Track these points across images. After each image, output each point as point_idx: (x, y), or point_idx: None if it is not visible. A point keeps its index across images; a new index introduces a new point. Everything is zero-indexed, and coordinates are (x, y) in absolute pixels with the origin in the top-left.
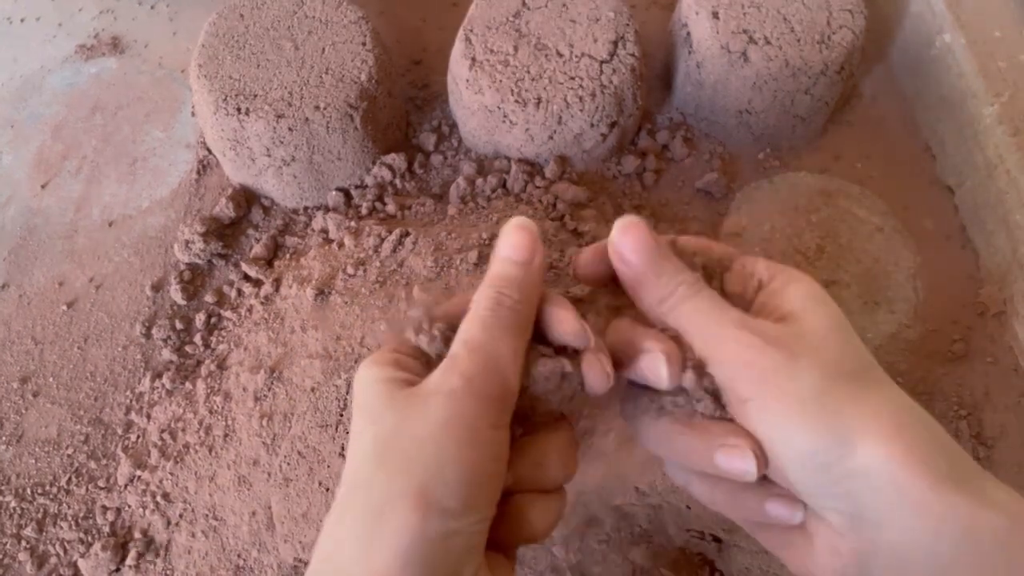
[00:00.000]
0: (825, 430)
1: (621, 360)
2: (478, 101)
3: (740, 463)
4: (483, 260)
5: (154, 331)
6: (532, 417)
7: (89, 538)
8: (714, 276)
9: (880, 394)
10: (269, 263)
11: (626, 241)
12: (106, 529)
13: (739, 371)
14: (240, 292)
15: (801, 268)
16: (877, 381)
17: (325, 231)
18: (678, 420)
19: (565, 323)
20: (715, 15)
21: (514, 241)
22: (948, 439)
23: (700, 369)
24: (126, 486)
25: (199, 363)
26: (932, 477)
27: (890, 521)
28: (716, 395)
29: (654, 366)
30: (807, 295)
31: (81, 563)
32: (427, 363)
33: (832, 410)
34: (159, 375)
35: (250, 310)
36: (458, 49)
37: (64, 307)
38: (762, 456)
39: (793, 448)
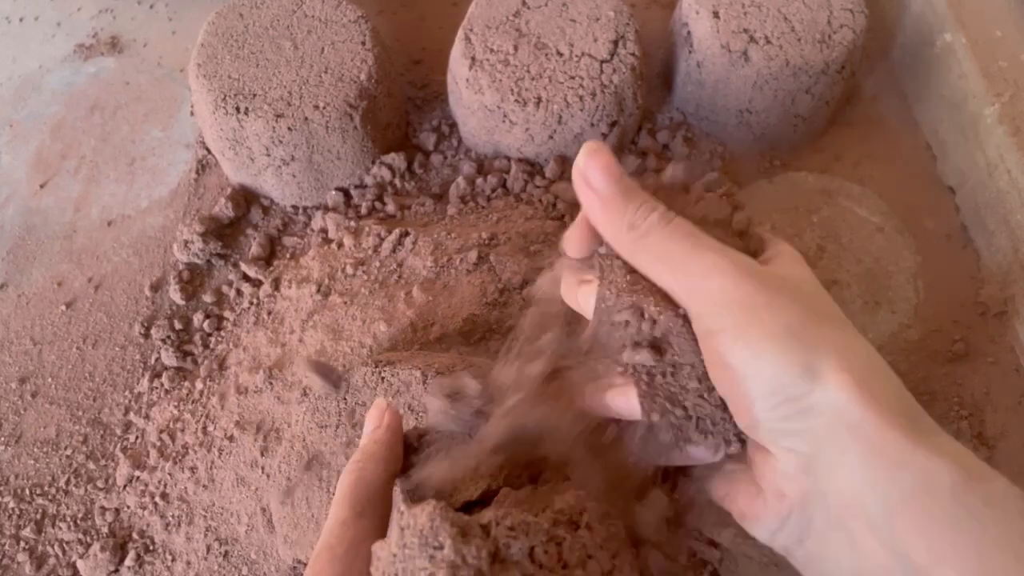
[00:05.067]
0: (797, 362)
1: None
2: (478, 100)
3: (624, 401)
4: (483, 260)
5: (153, 331)
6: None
7: (88, 539)
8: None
9: (852, 340)
10: (268, 263)
11: (593, 164)
12: (105, 530)
13: (716, 299)
14: (239, 292)
15: None
16: (850, 329)
17: (324, 231)
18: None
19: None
20: (715, 14)
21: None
22: (908, 395)
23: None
24: (125, 487)
25: (198, 363)
26: (890, 422)
27: (844, 462)
28: (656, 347)
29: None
30: (789, 256)
31: (80, 564)
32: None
33: (807, 344)
34: (158, 375)
35: (249, 310)
36: (458, 48)
37: (63, 307)
38: (647, 396)
39: (763, 379)
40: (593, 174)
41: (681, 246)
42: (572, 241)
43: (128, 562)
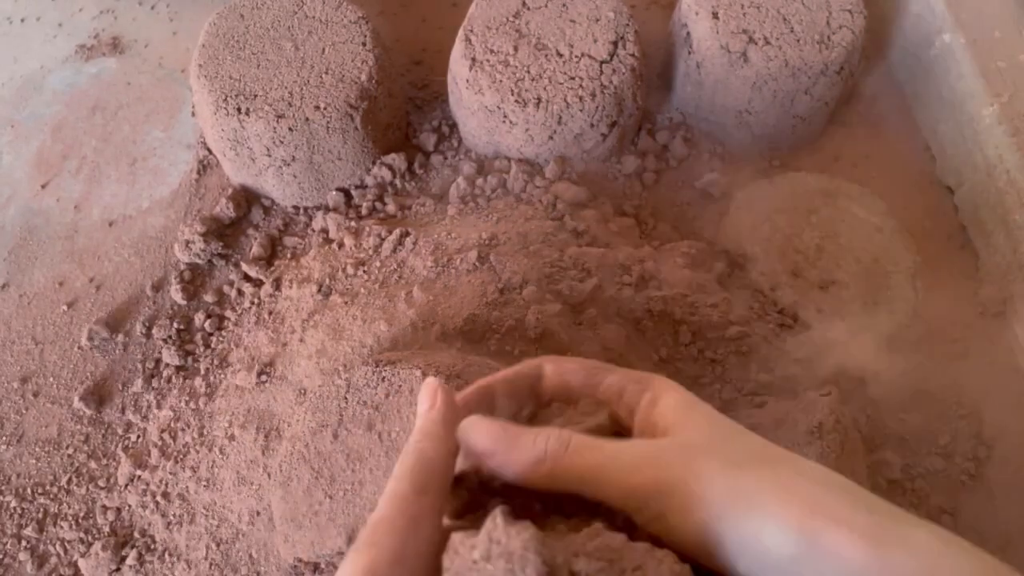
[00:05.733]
0: (742, 526)
1: None
2: (478, 101)
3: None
4: (483, 260)
5: (154, 331)
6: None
7: (89, 538)
8: (576, 402)
9: (783, 471)
10: (269, 263)
11: (473, 436)
12: (106, 529)
13: (640, 496)
14: (240, 292)
15: (801, 268)
16: (774, 460)
17: (325, 231)
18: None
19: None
20: (715, 15)
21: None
22: (861, 491)
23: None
24: (126, 486)
25: (199, 363)
26: (863, 541)
27: None
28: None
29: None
30: (677, 405)
31: (81, 563)
32: None
33: (742, 501)
34: (159, 375)
35: (250, 310)
36: (458, 49)
37: (64, 307)
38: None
39: (722, 549)
40: (480, 441)
41: (585, 468)
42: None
43: (130, 561)
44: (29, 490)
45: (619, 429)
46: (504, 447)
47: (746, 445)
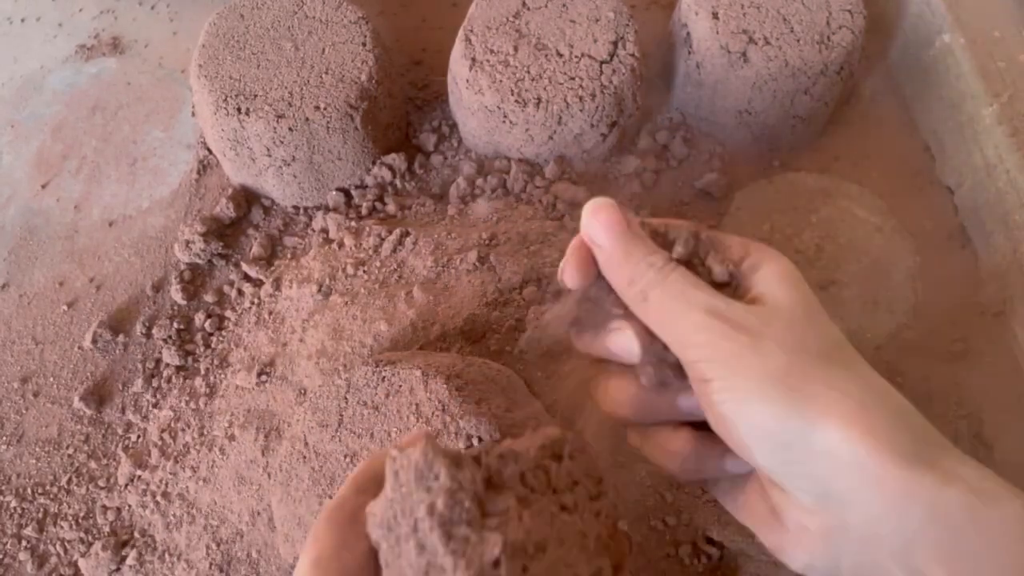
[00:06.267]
0: (787, 409)
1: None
2: (478, 101)
3: (624, 342)
4: (483, 260)
5: (155, 331)
6: None
7: (89, 538)
8: (696, 256)
9: (846, 373)
10: (269, 263)
11: (595, 223)
12: (106, 529)
13: (704, 354)
14: (240, 292)
15: (801, 268)
16: (844, 361)
17: (325, 231)
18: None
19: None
20: (715, 15)
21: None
22: (914, 416)
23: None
24: (126, 486)
25: (199, 363)
26: (894, 456)
27: (854, 500)
28: (678, 368)
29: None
30: (778, 276)
31: (82, 563)
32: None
33: (795, 389)
34: (159, 375)
35: (250, 310)
36: (458, 49)
37: (64, 307)
38: (644, 337)
39: (756, 428)
40: (596, 232)
41: (673, 305)
42: (568, 271)
43: (130, 561)
44: (29, 490)
45: None
46: (613, 253)
47: (827, 338)
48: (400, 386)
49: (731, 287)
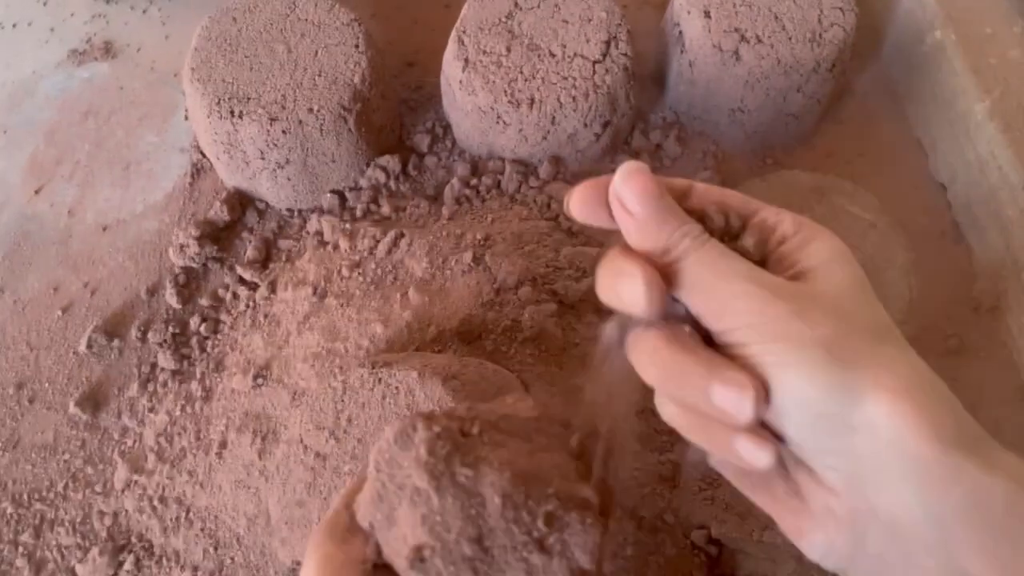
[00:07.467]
0: (831, 378)
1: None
2: (472, 102)
3: (735, 397)
4: (478, 261)
5: (150, 335)
6: None
7: (87, 543)
8: (731, 230)
9: (894, 352)
10: (264, 266)
11: (628, 188)
12: (103, 534)
13: (742, 322)
14: (235, 295)
15: None
16: (893, 340)
17: (320, 233)
18: (678, 340)
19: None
20: (707, 14)
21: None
22: (958, 404)
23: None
24: (123, 491)
25: (195, 366)
26: (938, 439)
27: (890, 481)
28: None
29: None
30: (830, 254)
31: (79, 568)
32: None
33: (841, 359)
34: (155, 379)
35: (245, 313)
36: (451, 50)
37: (59, 312)
38: (762, 396)
39: (794, 397)
40: (628, 197)
41: (710, 272)
42: (576, 201)
43: (127, 566)
44: (25, 496)
45: None
46: (647, 220)
47: (877, 317)
48: (396, 388)
49: (766, 266)
